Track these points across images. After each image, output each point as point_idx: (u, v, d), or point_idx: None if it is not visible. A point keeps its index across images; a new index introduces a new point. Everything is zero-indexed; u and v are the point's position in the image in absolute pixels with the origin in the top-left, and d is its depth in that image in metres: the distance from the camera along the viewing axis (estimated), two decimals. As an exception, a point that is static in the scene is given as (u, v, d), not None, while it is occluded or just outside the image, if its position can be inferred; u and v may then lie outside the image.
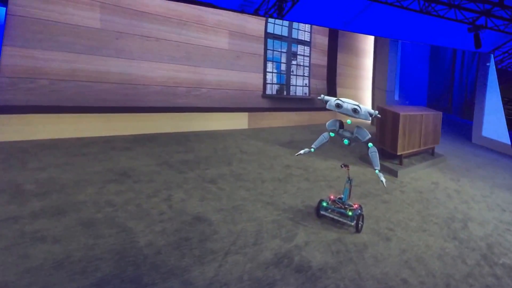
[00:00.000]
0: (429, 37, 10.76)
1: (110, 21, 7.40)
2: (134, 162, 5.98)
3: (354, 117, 4.54)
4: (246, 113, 9.50)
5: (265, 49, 10.15)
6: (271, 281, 3.55)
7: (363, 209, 4.93)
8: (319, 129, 5.08)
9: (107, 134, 7.20)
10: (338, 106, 4.56)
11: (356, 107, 4.48)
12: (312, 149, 4.76)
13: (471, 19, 9.07)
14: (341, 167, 5.00)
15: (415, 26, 9.99)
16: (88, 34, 7.16)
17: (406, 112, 7.54)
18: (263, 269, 3.73)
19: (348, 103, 4.55)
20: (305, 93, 11.18)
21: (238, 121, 9.31)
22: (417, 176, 7.29)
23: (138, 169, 5.72)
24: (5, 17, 6.13)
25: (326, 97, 4.70)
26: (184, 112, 8.52)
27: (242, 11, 7.96)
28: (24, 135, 6.34)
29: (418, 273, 4.04)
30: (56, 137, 6.58)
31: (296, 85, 10.96)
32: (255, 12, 8.07)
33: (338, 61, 11.47)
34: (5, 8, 5.91)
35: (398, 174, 7.08)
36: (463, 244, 4.84)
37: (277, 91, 10.57)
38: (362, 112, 4.47)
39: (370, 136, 4.76)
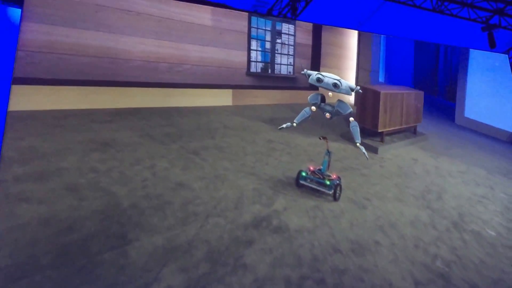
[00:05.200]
0: (442, 37, 10.87)
1: (90, -8, 7.52)
2: (115, 133, 6.22)
3: (335, 91, 4.90)
4: (230, 90, 9.76)
5: (249, 26, 10.37)
6: (249, 240, 3.91)
7: (342, 181, 5.32)
8: (302, 108, 5.41)
9: (87, 107, 7.37)
10: (319, 80, 4.91)
11: (336, 81, 4.83)
12: (294, 124, 5.12)
13: (484, 18, 9.10)
14: (320, 139, 5.36)
15: (428, 26, 10.13)
16: (66, 6, 7.26)
17: (386, 91, 7.95)
18: (242, 230, 4.08)
19: (328, 77, 4.90)
20: (290, 72, 11.48)
21: (221, 98, 9.58)
22: (398, 153, 7.74)
23: (120, 140, 5.97)
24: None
25: (309, 72, 5.04)
26: (167, 87, 8.74)
27: (255, 11, 8.14)
28: None
29: (390, 236, 4.46)
30: (33, 108, 6.73)
31: (280, 64, 11.25)
32: (268, 13, 8.24)
33: (323, 40, 11.77)
34: (20, 10, 6.10)
35: (379, 150, 7.50)
36: (436, 213, 5.29)
37: (261, 69, 10.85)
38: (343, 87, 4.82)
39: (351, 109, 5.13)
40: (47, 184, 4.33)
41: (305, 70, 5.10)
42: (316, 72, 5.03)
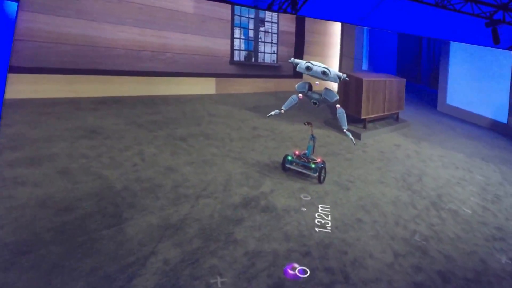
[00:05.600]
0: (446, 33, 10.86)
1: (71, -21, 7.67)
2: (102, 121, 6.47)
3: (323, 79, 5.28)
4: (214, 79, 10.05)
5: (232, 14, 10.65)
6: (239, 218, 4.27)
7: (326, 165, 5.72)
8: (286, 96, 5.78)
9: (71, 96, 7.57)
10: (308, 68, 5.27)
11: (325, 69, 5.21)
12: (282, 111, 5.49)
13: (488, 13, 9.03)
14: (304, 124, 5.74)
15: (431, 21, 10.12)
16: (47, -6, 7.41)
17: (369, 78, 8.38)
18: (232, 209, 4.43)
19: (317, 66, 5.28)
20: (273, 61, 11.82)
21: (205, 86, 9.86)
22: (380, 139, 8.20)
23: (107, 128, 6.22)
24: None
25: (296, 60, 5.41)
26: (150, 76, 8.97)
27: (255, 6, 8.30)
28: (-17, 94, 6.65)
29: (372, 214, 4.88)
30: (17, 97, 6.90)
31: (264, 52, 11.57)
32: (269, 8, 8.38)
33: (306, 27, 12.13)
34: (17, 3, 6.24)
35: (362, 136, 7.94)
36: (416, 194, 5.75)
37: (245, 57, 11.15)
38: (331, 75, 5.21)
39: (337, 97, 5.52)
40: (40, 169, 4.59)
41: (292, 58, 5.45)
42: (305, 61, 5.38)
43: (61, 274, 3.02)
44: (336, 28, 12.95)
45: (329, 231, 4.29)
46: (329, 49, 12.95)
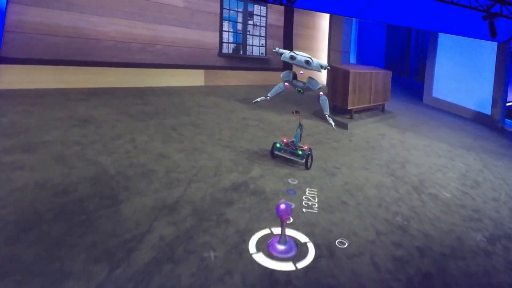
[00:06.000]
0: (443, 26, 10.84)
1: (60, -28, 7.87)
2: (93, 111, 6.70)
3: (307, 68, 5.59)
4: (202, 71, 10.32)
5: (221, 7, 10.90)
6: (230, 201, 4.56)
7: (313, 152, 6.03)
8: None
9: (61, 87, 7.79)
10: (292, 58, 5.58)
11: (308, 59, 5.52)
12: (268, 97, 5.78)
13: (485, 6, 9.00)
14: (292, 113, 6.04)
15: (428, 14, 10.05)
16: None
17: (355, 70, 8.72)
18: (222, 193, 4.72)
19: (301, 55, 5.58)
20: (262, 53, 12.12)
21: (194, 78, 10.13)
22: (366, 129, 8.57)
23: (99, 117, 6.46)
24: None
25: (281, 50, 5.72)
26: (139, 68, 9.19)
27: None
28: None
29: (356, 197, 5.21)
30: (9, 87, 7.09)
31: (252, 45, 11.86)
32: (265, 0, 8.39)
33: (295, 21, 12.44)
34: None
35: (348, 126, 8.31)
36: (399, 179, 6.11)
37: (233, 50, 11.43)
38: (314, 64, 5.53)
39: (320, 85, 5.84)
40: (35, 155, 4.82)
41: (276, 48, 5.75)
42: (289, 51, 5.68)
43: (64, 247, 3.28)
44: (324, 22, 13.31)
45: (316, 211, 4.60)
46: (318, 43, 13.31)
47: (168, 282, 3.08)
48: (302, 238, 4.00)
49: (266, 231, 4.02)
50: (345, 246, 3.98)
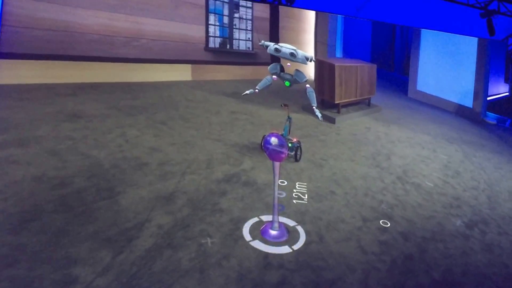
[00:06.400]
0: (441, 24, 10.97)
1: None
2: (82, 106, 6.88)
3: (292, 60, 5.87)
4: (189, 65, 10.52)
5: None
6: (223, 191, 4.84)
7: (302, 145, 6.34)
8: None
9: (48, 82, 7.91)
10: (277, 50, 5.85)
11: (293, 51, 5.80)
12: (257, 90, 6.04)
13: (483, 3, 9.23)
14: (281, 106, 6.33)
15: (427, 12, 10.27)
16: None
17: (341, 63, 9.06)
18: (215, 184, 5.01)
19: (286, 47, 5.85)
20: (249, 48, 12.37)
21: (181, 73, 10.33)
22: (353, 122, 8.94)
23: (88, 112, 6.65)
24: None
25: (267, 43, 5.98)
26: (125, 62, 9.35)
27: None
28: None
29: (343, 187, 5.55)
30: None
31: (239, 39, 12.10)
32: (263, 0, 8.41)
33: (281, 13, 12.72)
34: None
35: (336, 120, 8.65)
36: (384, 170, 6.48)
37: (220, 44, 11.65)
38: (299, 56, 5.80)
39: (307, 78, 6.13)
40: (29, 149, 5.02)
41: (262, 41, 6.01)
42: (274, 43, 5.95)
43: (67, 236, 3.51)
44: (310, 14, 13.60)
45: (305, 202, 4.92)
46: (304, 35, 13.61)
47: (169, 265, 3.36)
48: (292, 223, 4.32)
49: (257, 219, 4.32)
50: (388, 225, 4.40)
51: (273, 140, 3.94)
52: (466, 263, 4.20)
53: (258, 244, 3.85)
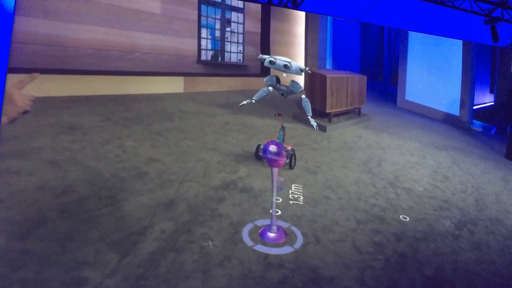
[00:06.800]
0: (445, 29, 10.99)
1: (38, -18, 8.19)
2: (77, 118, 7.03)
3: (287, 72, 6.12)
4: (182, 78, 10.75)
5: (199, 15, 11.41)
6: (221, 198, 5.02)
7: (295, 152, 6.56)
8: (253, 94, 6.54)
9: (41, 95, 8.04)
10: (272, 62, 6.10)
11: (287, 63, 6.06)
12: (253, 100, 6.28)
13: (487, 10, 9.18)
14: (275, 115, 6.56)
15: (431, 18, 10.23)
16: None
17: (332, 75, 9.37)
18: (213, 191, 5.18)
19: (280, 60, 6.11)
20: (239, 60, 12.68)
21: (173, 85, 10.55)
22: (344, 131, 9.21)
23: (84, 124, 6.80)
24: None
25: (264, 56, 6.24)
26: (119, 75, 9.54)
27: (255, 0, 8.54)
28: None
29: (337, 192, 5.77)
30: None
31: (230, 52, 12.40)
32: (269, 2, 8.51)
33: (272, 28, 13.08)
34: None
35: (327, 129, 8.92)
36: (375, 176, 6.72)
37: (211, 57, 11.93)
38: (293, 68, 6.06)
39: (302, 88, 6.38)
40: (29, 161, 5.15)
41: (260, 55, 6.27)
42: (269, 56, 6.21)
43: (73, 241, 3.65)
44: (300, 29, 14.03)
45: (301, 203, 5.12)
46: (294, 48, 14.00)
47: (173, 267, 3.51)
48: (287, 225, 4.52)
49: (256, 223, 4.50)
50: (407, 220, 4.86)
51: (272, 147, 4.15)
52: (456, 260, 4.42)
53: (258, 247, 4.03)
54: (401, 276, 3.94)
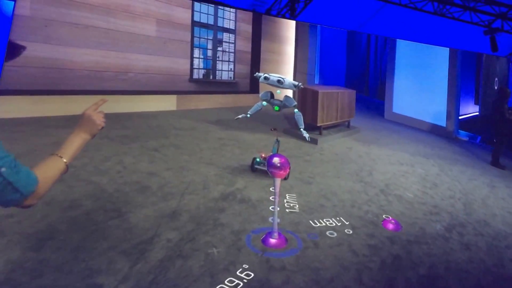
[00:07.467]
0: (444, 40, 11.27)
1: (39, 9, 8.51)
2: (77, 137, 7.21)
3: (280, 87, 6.47)
4: (174, 96, 11.05)
5: (192, 36, 11.80)
6: (221, 208, 5.26)
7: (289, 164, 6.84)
8: (243, 111, 6.92)
9: (37, 115, 8.30)
10: (266, 78, 6.45)
11: (280, 79, 6.41)
12: (248, 115, 6.59)
13: (486, 21, 9.39)
14: (271, 130, 6.85)
15: (430, 28, 10.46)
16: (16, 21, 8.13)
17: (323, 90, 9.75)
18: (214, 202, 5.42)
19: (273, 76, 6.46)
20: (230, 78, 13.04)
21: (166, 103, 10.84)
22: (334, 143, 9.54)
23: (84, 142, 6.99)
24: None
25: (259, 74, 6.59)
26: (113, 94, 9.80)
27: (253, 10, 8.74)
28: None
29: (331, 200, 6.05)
30: (-15, 118, 7.52)
31: (222, 70, 12.77)
32: (267, 12, 8.70)
33: (262, 47, 13.53)
34: (13, 2, 6.92)
35: (318, 142, 9.24)
36: (367, 184, 7.02)
37: (203, 75, 12.28)
38: (286, 83, 6.41)
39: (296, 103, 6.71)
40: (35, 178, 5.32)
41: (256, 73, 6.61)
42: (264, 73, 6.55)
43: (84, 252, 3.85)
44: (289, 48, 14.51)
45: (297, 211, 5.38)
46: (284, 66, 14.46)
47: (182, 272, 3.73)
48: (286, 231, 4.76)
49: (257, 229, 4.74)
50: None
51: (275, 160, 4.45)
52: (448, 260, 4.70)
53: (259, 251, 4.27)
54: (397, 276, 4.20)
